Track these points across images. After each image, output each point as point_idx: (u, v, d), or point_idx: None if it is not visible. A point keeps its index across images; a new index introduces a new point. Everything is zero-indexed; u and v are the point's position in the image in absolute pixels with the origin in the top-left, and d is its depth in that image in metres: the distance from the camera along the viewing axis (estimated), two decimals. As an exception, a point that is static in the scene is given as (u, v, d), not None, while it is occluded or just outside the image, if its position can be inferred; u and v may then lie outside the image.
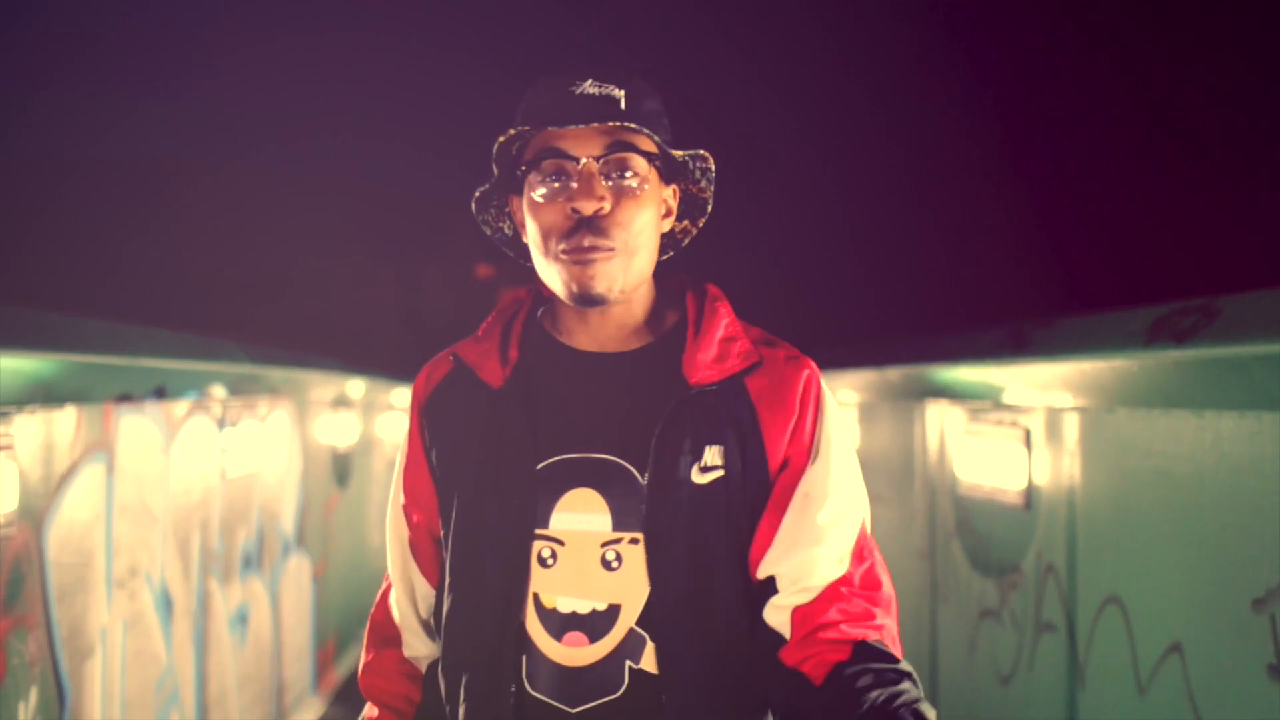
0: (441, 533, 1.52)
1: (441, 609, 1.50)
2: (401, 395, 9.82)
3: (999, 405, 4.16)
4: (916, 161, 17.57)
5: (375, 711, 1.59)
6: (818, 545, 1.40)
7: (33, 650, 2.96)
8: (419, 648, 1.57)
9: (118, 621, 3.57)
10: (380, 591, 1.63)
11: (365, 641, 1.62)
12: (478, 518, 1.45)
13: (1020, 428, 3.93)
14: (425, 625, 1.57)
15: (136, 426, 3.76)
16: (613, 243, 1.39)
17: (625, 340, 1.48)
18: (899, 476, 5.39)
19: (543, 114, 1.40)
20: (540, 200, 1.41)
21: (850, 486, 1.44)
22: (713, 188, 1.52)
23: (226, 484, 4.79)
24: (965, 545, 4.51)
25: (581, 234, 1.39)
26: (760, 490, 1.42)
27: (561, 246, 1.40)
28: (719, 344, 1.45)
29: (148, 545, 3.85)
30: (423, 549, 1.55)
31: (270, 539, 5.56)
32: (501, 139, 1.41)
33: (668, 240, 1.55)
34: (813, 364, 1.49)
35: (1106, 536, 3.31)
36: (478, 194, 1.51)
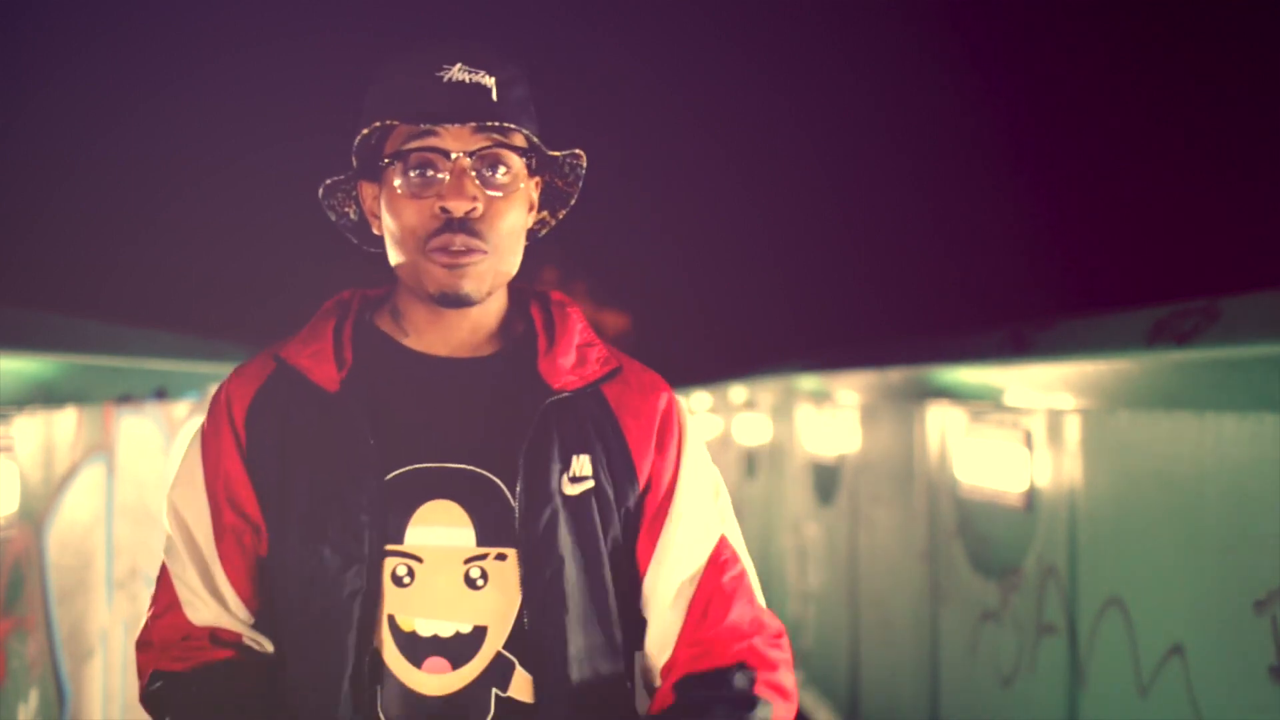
0: (266, 551, 1.36)
1: (271, 636, 1.36)
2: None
3: (1000, 406, 4.16)
4: (917, 162, 17.58)
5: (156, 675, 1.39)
6: (671, 570, 1.35)
7: (33, 651, 2.96)
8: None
9: (118, 623, 3.57)
10: (146, 620, 1.44)
11: (140, 665, 1.42)
12: (319, 533, 1.30)
13: (1021, 429, 3.93)
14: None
15: (137, 427, 3.75)
16: (485, 245, 1.30)
17: (477, 346, 1.38)
18: (900, 478, 5.39)
19: (411, 104, 1.30)
20: (405, 195, 1.31)
21: (702, 506, 1.38)
22: (580, 184, 1.43)
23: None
24: (966, 547, 4.51)
25: (452, 234, 1.29)
26: (631, 502, 1.36)
27: (430, 245, 1.30)
28: (577, 349, 1.38)
29: (148, 546, 3.85)
30: (243, 580, 1.37)
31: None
32: (365, 130, 1.32)
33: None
34: (659, 377, 1.43)
35: (1108, 538, 3.31)
36: (329, 182, 1.41)
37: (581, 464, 1.33)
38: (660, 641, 1.36)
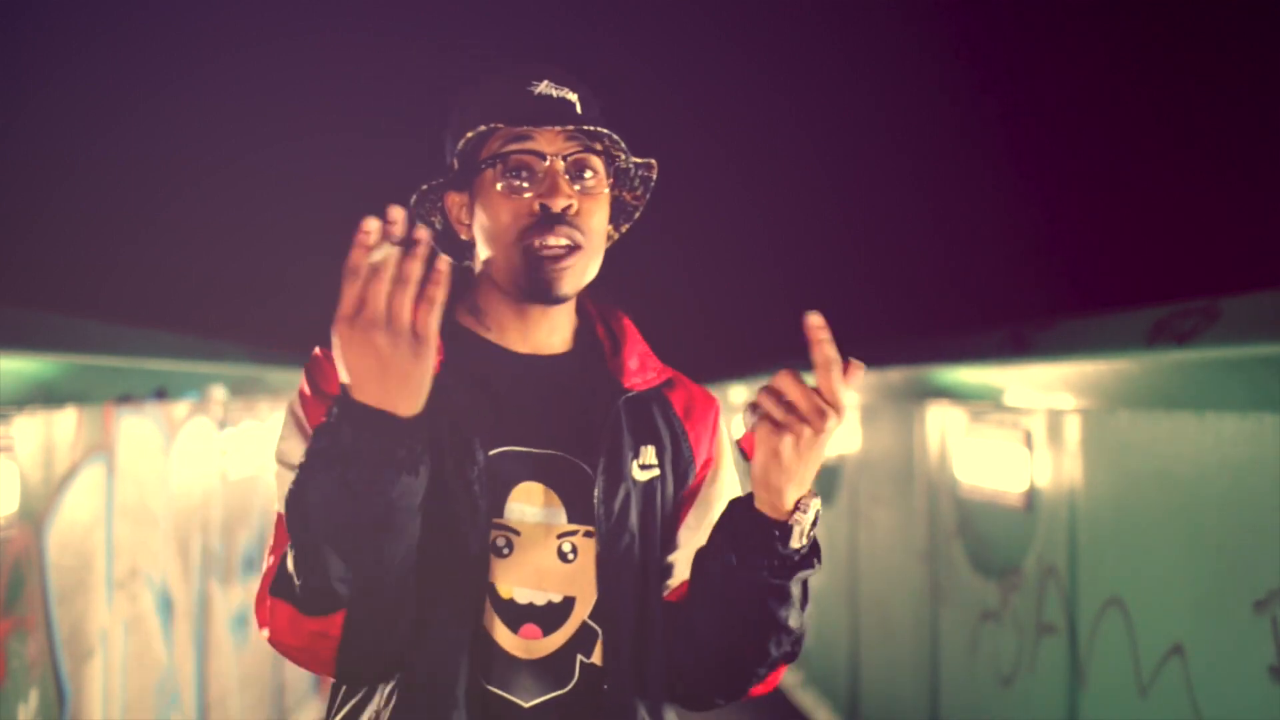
0: None
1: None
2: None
3: (1000, 406, 4.16)
4: (917, 162, 17.58)
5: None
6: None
7: (33, 652, 2.96)
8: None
9: (118, 623, 3.57)
10: (265, 570, 1.42)
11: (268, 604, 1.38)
12: (443, 503, 1.36)
13: (1021, 429, 3.93)
14: None
15: (137, 428, 3.76)
16: (580, 239, 1.41)
17: (551, 344, 1.49)
18: (900, 478, 5.39)
19: (509, 112, 1.42)
20: (504, 194, 1.41)
21: (737, 487, 1.53)
22: (648, 197, 1.55)
23: (227, 485, 4.79)
24: (966, 546, 4.51)
25: (552, 231, 1.39)
26: (684, 489, 1.50)
27: (528, 241, 1.40)
28: (639, 356, 1.52)
29: (148, 547, 3.85)
30: None
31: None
32: (470, 134, 1.41)
33: None
34: None
35: (1108, 538, 3.31)
36: (423, 188, 1.49)
37: (649, 454, 1.47)
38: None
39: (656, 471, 1.47)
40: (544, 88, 1.44)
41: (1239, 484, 2.65)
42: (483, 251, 1.45)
